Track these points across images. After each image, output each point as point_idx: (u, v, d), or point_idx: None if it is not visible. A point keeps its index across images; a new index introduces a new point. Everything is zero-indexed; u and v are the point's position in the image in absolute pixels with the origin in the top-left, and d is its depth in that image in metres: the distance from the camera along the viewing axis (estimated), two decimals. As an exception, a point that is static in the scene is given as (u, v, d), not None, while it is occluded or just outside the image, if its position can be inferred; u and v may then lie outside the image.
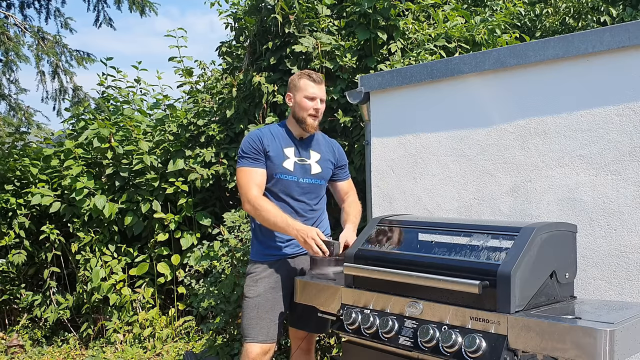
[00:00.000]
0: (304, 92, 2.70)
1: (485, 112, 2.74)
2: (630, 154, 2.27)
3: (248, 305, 2.67)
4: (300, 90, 2.71)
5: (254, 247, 2.78)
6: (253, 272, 2.72)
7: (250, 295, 2.68)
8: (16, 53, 7.54)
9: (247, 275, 2.75)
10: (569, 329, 1.71)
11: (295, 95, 2.73)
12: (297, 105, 2.71)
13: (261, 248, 2.75)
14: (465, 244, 2.10)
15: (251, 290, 2.69)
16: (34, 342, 4.94)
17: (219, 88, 4.90)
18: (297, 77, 2.74)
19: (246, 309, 2.68)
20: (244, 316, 2.69)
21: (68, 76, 8.06)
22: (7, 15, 7.70)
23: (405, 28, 4.42)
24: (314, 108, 2.70)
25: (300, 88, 2.71)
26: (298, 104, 2.71)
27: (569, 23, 8.64)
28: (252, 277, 2.71)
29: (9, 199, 4.98)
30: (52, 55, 7.73)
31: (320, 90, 2.75)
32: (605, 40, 2.29)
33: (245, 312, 2.68)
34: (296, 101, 2.72)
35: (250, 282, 2.71)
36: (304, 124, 2.72)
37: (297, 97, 2.71)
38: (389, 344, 2.12)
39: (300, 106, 2.70)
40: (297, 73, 2.79)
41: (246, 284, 2.73)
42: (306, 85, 2.70)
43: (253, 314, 2.65)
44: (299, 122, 2.73)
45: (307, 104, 2.70)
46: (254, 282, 2.70)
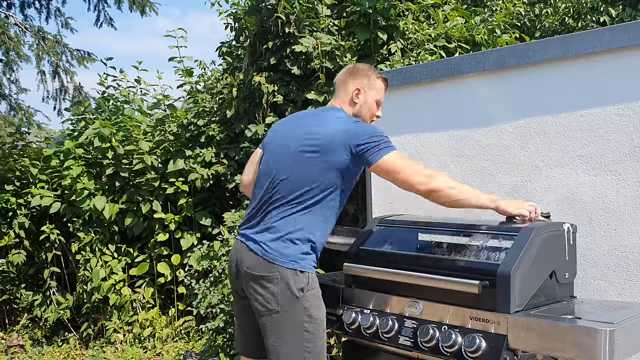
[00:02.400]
0: (378, 94, 2.37)
1: (485, 112, 2.74)
2: (630, 154, 2.27)
3: (319, 330, 2.13)
4: (376, 90, 2.36)
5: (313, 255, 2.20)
6: (314, 287, 2.16)
7: (321, 317, 2.15)
8: (17, 53, 7.55)
9: (307, 291, 2.12)
10: (569, 328, 1.71)
11: (367, 93, 2.34)
12: (366, 105, 2.34)
13: (313, 257, 2.20)
14: (465, 244, 2.10)
15: (321, 311, 2.16)
16: (34, 342, 4.94)
17: (219, 88, 4.90)
18: (375, 76, 2.37)
19: (317, 335, 2.12)
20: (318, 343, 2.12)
21: (69, 76, 8.07)
22: (7, 15, 7.70)
23: (405, 28, 4.42)
24: (378, 115, 2.42)
25: (376, 89, 2.36)
26: (368, 104, 2.35)
27: (569, 23, 8.64)
28: (316, 294, 2.16)
29: (9, 199, 4.97)
30: (53, 54, 7.74)
31: None
32: (605, 40, 2.30)
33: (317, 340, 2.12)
34: (367, 100, 2.34)
35: (317, 301, 2.15)
36: None
37: (370, 97, 2.34)
38: (389, 344, 2.12)
39: (370, 108, 2.36)
40: (371, 68, 2.40)
41: (312, 302, 2.12)
42: (382, 89, 2.39)
43: (324, 340, 2.17)
44: None
45: (375, 109, 2.39)
46: (320, 299, 2.18)
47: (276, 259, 2.11)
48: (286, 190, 2.18)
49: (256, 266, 2.14)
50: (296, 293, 2.09)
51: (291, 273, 2.10)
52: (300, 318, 2.09)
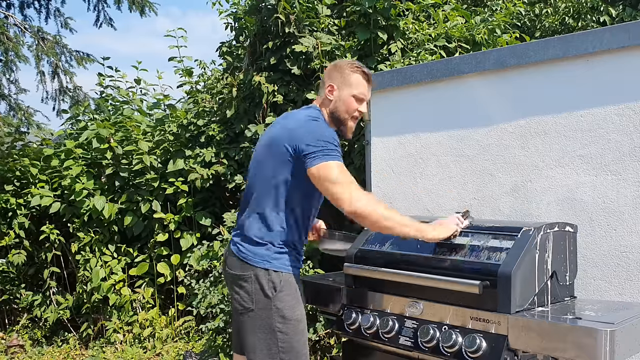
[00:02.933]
0: (354, 89, 2.22)
1: (486, 112, 2.74)
2: (630, 154, 2.27)
3: (297, 330, 2.14)
4: (350, 86, 2.22)
5: (287, 255, 2.17)
6: (289, 287, 2.15)
7: (298, 317, 2.16)
8: (16, 53, 7.55)
9: (281, 291, 2.13)
10: (570, 329, 1.71)
11: (341, 90, 2.22)
12: (342, 103, 2.22)
13: (293, 258, 2.20)
14: (465, 244, 2.10)
15: (297, 311, 2.16)
16: (34, 342, 4.94)
17: (219, 88, 4.91)
18: (349, 69, 2.23)
19: (296, 334, 2.14)
20: (295, 343, 2.13)
21: (68, 76, 8.07)
22: (7, 15, 7.70)
23: (406, 28, 4.42)
24: (360, 110, 2.26)
25: (351, 84, 2.22)
26: (344, 101, 2.22)
27: (569, 23, 8.64)
28: (293, 294, 2.16)
29: (8, 199, 4.97)
30: (52, 55, 7.73)
31: (370, 92, 2.32)
32: (605, 40, 2.30)
33: (295, 339, 2.13)
34: (341, 97, 2.22)
35: (292, 301, 2.15)
36: (344, 127, 2.26)
37: (344, 93, 2.22)
38: (389, 344, 2.12)
39: (346, 105, 2.22)
40: (347, 62, 2.27)
41: (286, 302, 2.13)
42: (359, 83, 2.24)
43: (303, 340, 2.17)
44: (337, 122, 2.25)
45: (354, 105, 2.24)
46: (297, 299, 2.17)
47: (249, 259, 2.14)
48: (255, 191, 2.20)
49: (234, 266, 2.19)
50: (268, 293, 2.11)
51: (264, 273, 2.12)
52: (273, 318, 2.11)
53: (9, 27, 7.59)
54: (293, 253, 2.20)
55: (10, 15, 7.73)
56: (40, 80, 7.97)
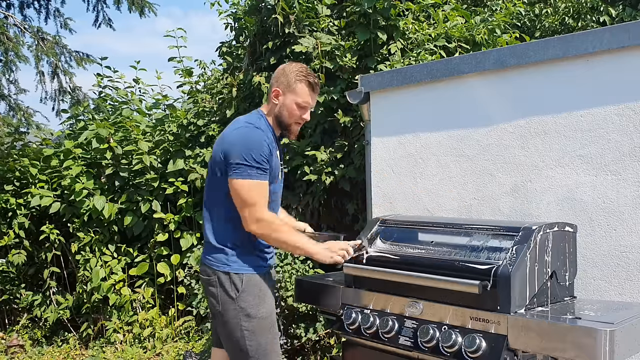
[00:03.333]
0: (298, 97, 2.31)
1: (486, 112, 2.74)
2: (630, 154, 2.28)
3: (263, 327, 2.26)
4: (294, 93, 2.31)
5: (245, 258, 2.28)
6: (251, 287, 2.26)
7: (263, 315, 2.27)
8: (16, 53, 7.55)
9: (243, 291, 2.25)
10: (569, 329, 1.71)
11: (285, 96, 2.31)
12: (285, 109, 2.32)
13: (254, 259, 2.31)
14: (465, 244, 2.10)
15: (262, 309, 2.27)
16: (34, 342, 4.94)
17: (219, 88, 4.90)
18: (294, 77, 2.30)
19: (262, 330, 2.26)
20: (261, 340, 2.25)
21: (67, 77, 8.06)
22: (6, 15, 7.70)
23: (405, 28, 4.42)
24: (303, 117, 2.35)
25: (295, 91, 2.30)
26: (287, 107, 2.31)
27: (569, 23, 8.63)
28: (257, 293, 2.27)
29: (8, 199, 4.97)
30: (52, 55, 7.73)
31: (315, 98, 2.40)
32: (605, 40, 2.30)
33: (261, 335, 2.26)
34: (285, 103, 2.31)
35: (255, 300, 2.26)
36: (288, 131, 2.37)
37: (288, 100, 2.31)
38: (389, 344, 2.12)
39: (289, 111, 2.32)
40: (294, 69, 2.33)
41: (249, 302, 2.24)
42: (303, 92, 2.31)
43: (270, 336, 2.29)
44: (281, 126, 2.35)
45: (297, 112, 2.33)
46: (261, 298, 2.28)
47: (212, 264, 2.30)
48: (206, 200, 2.37)
49: (203, 272, 2.36)
50: (232, 294, 2.25)
51: (225, 277, 2.26)
52: (238, 317, 2.24)
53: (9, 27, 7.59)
54: (254, 253, 2.31)
55: (10, 16, 7.73)
56: (39, 80, 7.97)
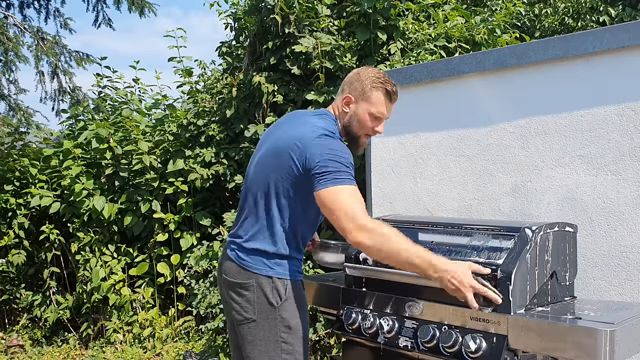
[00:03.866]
0: (372, 107, 2.07)
1: (486, 112, 2.74)
2: (630, 154, 2.28)
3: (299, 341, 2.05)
4: (369, 102, 2.06)
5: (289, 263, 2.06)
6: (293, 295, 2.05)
7: (301, 327, 2.06)
8: (15, 53, 7.54)
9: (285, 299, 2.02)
10: (569, 329, 1.71)
11: (358, 104, 2.07)
12: (357, 118, 2.08)
13: (296, 265, 2.09)
14: (465, 244, 2.10)
15: (300, 321, 2.06)
16: (33, 342, 4.94)
17: (219, 88, 4.91)
18: (371, 85, 2.06)
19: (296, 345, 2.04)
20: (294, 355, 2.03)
21: (67, 77, 8.05)
22: (6, 15, 7.69)
23: (405, 28, 4.42)
24: (376, 130, 2.12)
25: (370, 100, 2.06)
26: (358, 117, 2.07)
27: (568, 23, 8.64)
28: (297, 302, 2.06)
29: (8, 199, 4.97)
30: (52, 55, 7.72)
31: (391, 111, 2.14)
32: (605, 40, 2.30)
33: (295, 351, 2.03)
34: (357, 112, 2.07)
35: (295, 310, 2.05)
36: (356, 144, 2.14)
37: (361, 109, 2.07)
38: (389, 344, 2.12)
39: (361, 121, 2.08)
40: (371, 74, 2.08)
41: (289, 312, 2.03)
42: (379, 102, 2.07)
43: (306, 347, 2.09)
44: (348, 137, 2.12)
45: (370, 124, 2.09)
46: (300, 308, 2.07)
47: (251, 266, 2.02)
48: (255, 198, 2.06)
49: (232, 273, 2.06)
50: (273, 302, 2.00)
51: (267, 281, 2.00)
52: (278, 328, 2.00)
53: (9, 27, 7.58)
54: (294, 261, 2.08)
55: (10, 16, 7.73)
56: (39, 80, 7.96)
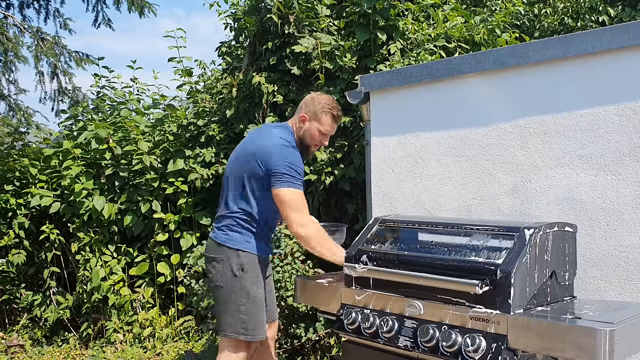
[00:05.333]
0: (322, 126, 2.67)
1: (485, 112, 2.74)
2: (630, 154, 2.28)
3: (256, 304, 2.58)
4: (319, 122, 2.67)
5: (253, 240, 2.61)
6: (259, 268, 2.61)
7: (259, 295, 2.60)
8: (15, 53, 7.54)
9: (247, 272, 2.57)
10: (569, 328, 1.71)
11: (311, 123, 2.67)
12: (309, 133, 2.67)
13: (262, 242, 2.64)
14: (465, 244, 2.11)
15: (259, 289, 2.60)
16: (34, 342, 4.93)
17: (218, 88, 4.90)
18: (321, 109, 2.66)
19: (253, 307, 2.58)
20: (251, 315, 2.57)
21: (67, 77, 8.05)
22: (6, 15, 7.69)
23: (405, 28, 4.42)
24: (322, 142, 2.73)
25: (320, 120, 2.66)
26: (310, 133, 2.67)
27: (568, 23, 8.64)
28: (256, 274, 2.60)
29: (8, 199, 4.97)
30: (51, 56, 7.71)
31: (335, 128, 2.74)
32: (605, 40, 2.30)
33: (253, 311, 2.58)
34: (309, 129, 2.67)
35: (254, 279, 2.58)
36: (306, 152, 2.72)
37: (312, 127, 2.67)
38: (389, 344, 2.13)
39: (312, 136, 2.68)
40: (324, 102, 2.68)
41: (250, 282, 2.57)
42: (327, 123, 2.68)
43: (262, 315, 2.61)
44: (302, 147, 2.69)
45: (319, 138, 2.70)
46: (258, 279, 2.60)
47: (223, 240, 2.60)
48: (231, 193, 2.65)
49: (210, 248, 2.68)
50: (236, 273, 2.56)
51: (234, 254, 2.57)
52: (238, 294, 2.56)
53: (9, 27, 7.57)
54: (261, 239, 2.63)
55: (10, 16, 7.72)
56: (39, 80, 7.95)
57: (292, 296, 3.62)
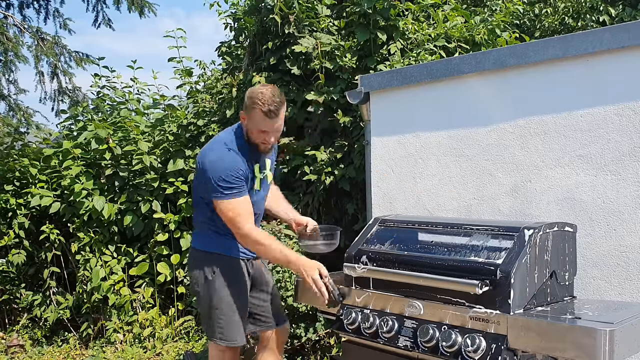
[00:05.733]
0: (258, 125, 2.40)
1: (485, 112, 2.74)
2: (630, 154, 2.28)
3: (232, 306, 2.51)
4: (252, 120, 2.40)
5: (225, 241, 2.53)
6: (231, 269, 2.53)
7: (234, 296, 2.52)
8: (15, 53, 7.53)
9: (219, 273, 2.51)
10: (569, 328, 1.71)
11: (248, 121, 2.43)
12: (250, 132, 2.45)
13: (231, 244, 2.53)
14: (465, 244, 2.11)
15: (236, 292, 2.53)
16: (34, 342, 4.93)
17: (218, 88, 4.90)
18: (252, 104, 2.37)
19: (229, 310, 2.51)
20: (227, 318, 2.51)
21: (67, 77, 8.04)
22: (6, 15, 7.69)
23: (405, 28, 4.42)
24: (267, 140, 2.46)
25: (254, 119, 2.39)
26: (250, 130, 2.45)
27: (568, 23, 8.64)
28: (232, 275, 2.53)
29: (8, 199, 4.97)
30: (51, 55, 7.71)
31: (276, 122, 2.41)
32: (605, 40, 2.30)
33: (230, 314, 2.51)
34: (248, 127, 2.44)
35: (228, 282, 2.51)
36: (257, 148, 2.50)
37: (250, 124, 2.42)
38: (389, 344, 2.13)
39: (253, 134, 2.45)
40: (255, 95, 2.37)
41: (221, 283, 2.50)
42: (258, 120, 2.38)
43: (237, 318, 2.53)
44: (251, 143, 2.49)
45: (259, 136, 2.44)
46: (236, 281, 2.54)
47: (196, 244, 2.62)
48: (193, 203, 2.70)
49: (189, 256, 2.71)
50: (208, 276, 2.51)
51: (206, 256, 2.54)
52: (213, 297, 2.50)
53: (9, 27, 7.57)
54: (231, 241, 2.51)
55: (10, 16, 7.72)
56: (39, 80, 7.95)
57: (292, 296, 3.62)
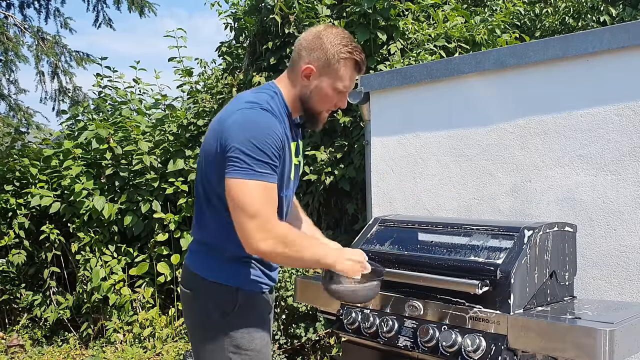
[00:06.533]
0: (339, 82, 1.72)
1: (485, 112, 2.74)
2: (630, 154, 2.28)
3: None
4: (335, 76, 1.71)
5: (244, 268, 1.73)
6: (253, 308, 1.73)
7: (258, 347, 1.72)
8: (16, 53, 7.54)
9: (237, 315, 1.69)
10: (569, 328, 1.71)
11: (322, 78, 1.71)
12: (319, 94, 1.73)
13: (256, 270, 1.76)
14: (465, 244, 2.11)
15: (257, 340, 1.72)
16: (34, 342, 4.94)
17: (219, 88, 4.90)
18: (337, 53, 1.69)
19: None
20: None
21: (68, 77, 8.05)
22: (6, 15, 7.69)
23: (405, 28, 4.42)
24: (338, 105, 1.79)
25: (337, 73, 1.71)
26: (322, 92, 1.72)
27: (569, 23, 8.64)
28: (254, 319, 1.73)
29: (8, 199, 4.97)
30: (52, 55, 7.72)
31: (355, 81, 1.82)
32: (605, 40, 2.30)
33: None
34: (320, 87, 1.72)
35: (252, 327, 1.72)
36: (316, 120, 1.80)
37: (325, 84, 1.71)
38: (389, 343, 2.12)
39: (323, 98, 1.73)
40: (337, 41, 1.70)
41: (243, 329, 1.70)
42: (347, 77, 1.73)
43: None
44: (308, 113, 1.77)
45: (334, 99, 1.76)
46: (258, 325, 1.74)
47: (196, 266, 1.74)
48: (197, 192, 1.77)
49: (184, 279, 1.79)
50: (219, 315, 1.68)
51: (214, 287, 1.69)
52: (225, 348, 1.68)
53: (9, 27, 7.58)
54: (254, 265, 1.74)
55: (10, 15, 7.73)
56: (39, 80, 7.96)
57: (292, 296, 3.62)
